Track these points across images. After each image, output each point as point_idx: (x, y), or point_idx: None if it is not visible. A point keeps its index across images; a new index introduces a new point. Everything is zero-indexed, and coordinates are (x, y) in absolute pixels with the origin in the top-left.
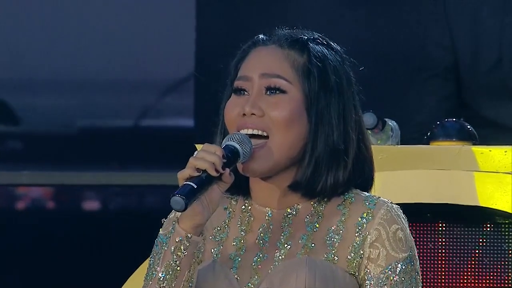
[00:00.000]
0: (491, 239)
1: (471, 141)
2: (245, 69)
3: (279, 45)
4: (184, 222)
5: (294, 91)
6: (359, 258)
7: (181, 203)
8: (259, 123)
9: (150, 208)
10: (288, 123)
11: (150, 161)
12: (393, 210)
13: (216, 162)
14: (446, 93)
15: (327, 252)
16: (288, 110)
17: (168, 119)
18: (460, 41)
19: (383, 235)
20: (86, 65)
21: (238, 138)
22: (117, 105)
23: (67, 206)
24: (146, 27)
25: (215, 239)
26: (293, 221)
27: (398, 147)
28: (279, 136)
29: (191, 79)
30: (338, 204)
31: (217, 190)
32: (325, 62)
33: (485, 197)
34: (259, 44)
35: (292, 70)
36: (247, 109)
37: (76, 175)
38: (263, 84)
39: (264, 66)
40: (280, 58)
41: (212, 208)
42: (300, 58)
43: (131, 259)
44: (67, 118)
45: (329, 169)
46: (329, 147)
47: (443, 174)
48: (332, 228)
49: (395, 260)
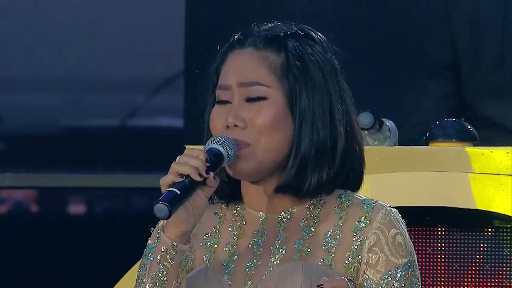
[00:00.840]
0: (492, 244)
1: (472, 142)
2: (223, 77)
3: (254, 47)
4: (169, 230)
5: (275, 95)
6: (357, 263)
7: (165, 210)
8: (243, 135)
9: (137, 211)
10: (272, 128)
11: (138, 163)
12: (392, 214)
13: (199, 167)
14: (445, 93)
15: (324, 257)
16: (271, 115)
17: (156, 118)
18: (460, 38)
19: (382, 240)
20: (70, 63)
21: (221, 141)
22: (103, 104)
23: (51, 210)
24: (134, 23)
25: (206, 246)
26: (288, 225)
27: (395, 148)
28: (265, 142)
29: (181, 77)
30: (335, 207)
31: (202, 196)
32: (305, 58)
33: (486, 200)
34: (235, 47)
35: (270, 73)
36: (230, 121)
37: (61, 177)
38: (242, 93)
39: (241, 74)
40: (256, 62)
41: (198, 214)
42: (278, 58)
43: (117, 265)
44: (51, 118)
45: (314, 167)
46: (314, 145)
47: (443, 176)
48: (328, 232)
49: (394, 265)
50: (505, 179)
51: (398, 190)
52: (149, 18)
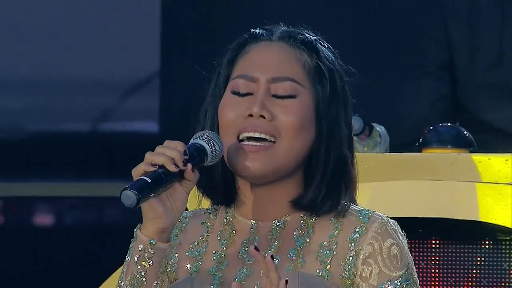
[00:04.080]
0: (490, 257)
1: (468, 148)
2: (249, 67)
3: (287, 43)
4: (146, 228)
5: (304, 95)
6: (353, 276)
7: (132, 197)
8: (268, 127)
9: (110, 223)
10: (298, 129)
11: (110, 170)
12: (389, 225)
13: (176, 157)
14: (440, 94)
15: (319, 268)
16: (299, 115)
17: (130, 123)
18: (456, 35)
19: (377, 251)
20: (36, 63)
21: (206, 136)
22: (73, 107)
23: (17, 221)
24: (106, 21)
25: (192, 255)
26: (280, 234)
27: (386, 155)
28: (287, 142)
29: (156, 78)
30: (331, 218)
31: (180, 190)
32: (335, 66)
33: (483, 211)
34: (261, 39)
35: (304, 72)
36: (255, 110)
37: (26, 186)
38: (271, 87)
39: (273, 68)
40: (290, 58)
41: (177, 210)
42: (311, 60)
43: (88, 280)
44: (15, 122)
45: (338, 185)
46: (339, 160)
47: (437, 185)
48: (324, 243)
49: (388, 278)
50: (504, 188)
51: (389, 199)
52: (123, 16)
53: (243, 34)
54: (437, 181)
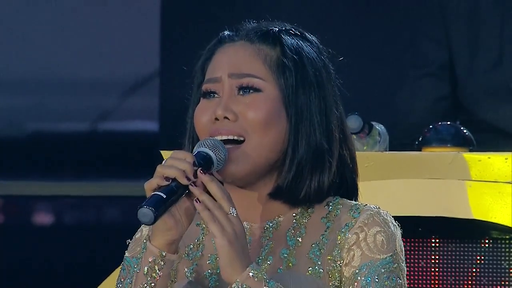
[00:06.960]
0: (489, 256)
1: (468, 147)
2: (212, 70)
3: (248, 40)
4: (156, 239)
5: (269, 89)
6: (339, 267)
7: (149, 215)
8: (234, 127)
9: (110, 222)
10: (266, 124)
11: (110, 170)
12: (379, 215)
13: (187, 169)
14: (440, 94)
15: (311, 266)
16: (265, 110)
17: (130, 122)
18: (456, 35)
19: (361, 237)
20: (37, 63)
21: (210, 144)
22: (72, 107)
23: (16, 220)
24: (106, 21)
25: (189, 258)
26: (273, 234)
27: (386, 153)
28: (257, 139)
29: (156, 77)
30: (322, 217)
31: (189, 201)
32: (301, 54)
33: (483, 210)
34: (225, 41)
35: (265, 67)
36: (219, 113)
37: (26, 185)
38: (233, 84)
39: (233, 65)
40: (250, 54)
41: (187, 221)
42: (273, 52)
43: (87, 279)
44: (16, 121)
45: (312, 172)
46: (311, 147)
47: (437, 184)
48: (316, 243)
49: (369, 259)
50: (503, 187)
51: (389, 198)
52: (123, 16)
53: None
54: (437, 179)
